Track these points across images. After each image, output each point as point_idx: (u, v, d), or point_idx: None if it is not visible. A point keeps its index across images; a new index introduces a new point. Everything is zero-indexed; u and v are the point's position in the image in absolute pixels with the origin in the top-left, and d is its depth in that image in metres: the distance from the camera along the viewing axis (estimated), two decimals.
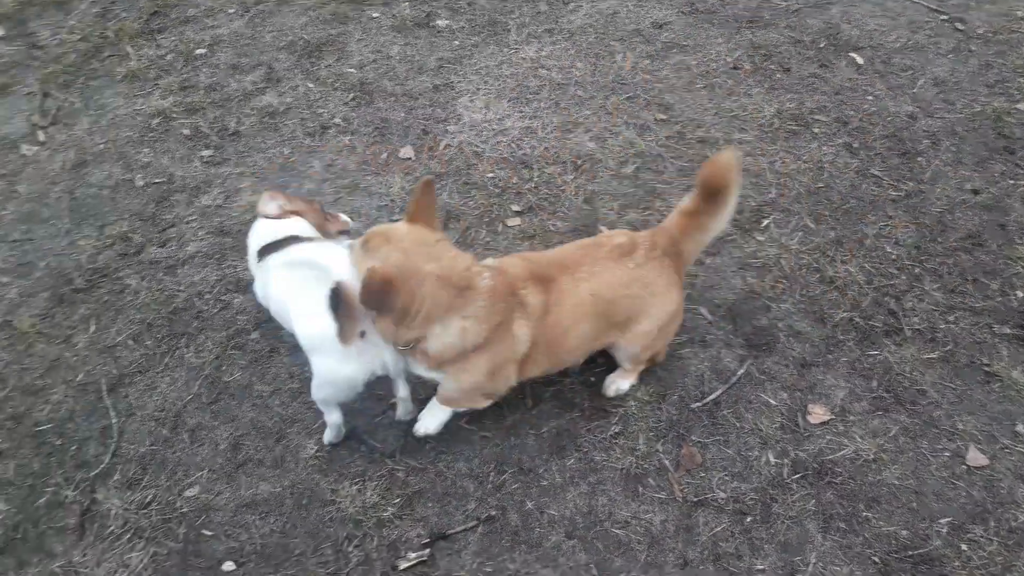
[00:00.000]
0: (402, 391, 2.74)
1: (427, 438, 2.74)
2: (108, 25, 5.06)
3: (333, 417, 2.66)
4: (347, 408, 2.71)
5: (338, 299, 2.21)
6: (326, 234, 2.78)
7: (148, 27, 5.03)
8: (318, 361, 2.43)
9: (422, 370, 2.48)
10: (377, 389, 2.82)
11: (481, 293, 2.30)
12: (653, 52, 4.41)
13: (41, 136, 4.27)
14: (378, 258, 2.24)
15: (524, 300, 2.39)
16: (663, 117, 3.98)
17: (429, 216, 2.36)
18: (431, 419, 2.72)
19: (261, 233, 2.66)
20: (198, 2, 5.16)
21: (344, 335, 2.27)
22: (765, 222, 3.41)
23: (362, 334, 2.34)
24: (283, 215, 2.69)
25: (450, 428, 2.77)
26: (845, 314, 3.03)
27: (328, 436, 2.76)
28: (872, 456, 2.60)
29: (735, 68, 4.25)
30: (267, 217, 2.69)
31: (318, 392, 2.54)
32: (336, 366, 2.39)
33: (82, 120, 4.36)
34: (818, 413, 2.74)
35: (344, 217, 2.95)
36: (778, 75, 4.18)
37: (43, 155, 4.15)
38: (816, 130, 3.85)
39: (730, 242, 3.33)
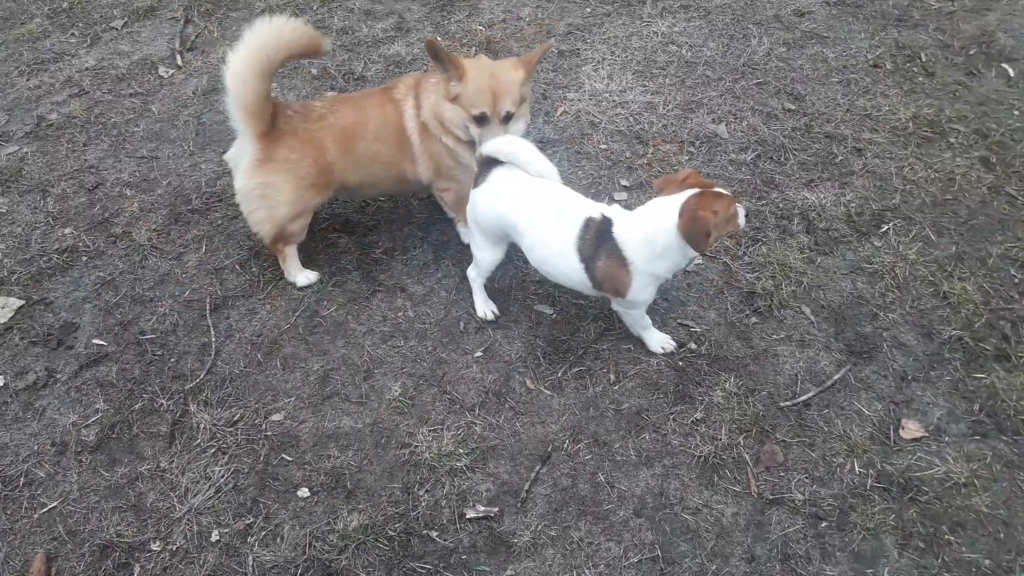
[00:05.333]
0: None
1: None
2: None
3: (648, 322, 2.85)
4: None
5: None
6: None
7: None
8: (654, 266, 2.57)
9: None
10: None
11: None
12: (791, 40, 4.26)
13: (179, 60, 4.47)
14: None
15: None
16: (792, 107, 3.85)
17: None
18: None
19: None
20: None
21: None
22: (884, 228, 3.27)
23: None
24: None
25: (531, 392, 2.81)
26: (955, 332, 2.88)
27: (659, 342, 2.90)
28: (963, 480, 2.47)
29: (875, 66, 4.06)
30: None
31: (644, 294, 2.66)
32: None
33: (218, 49, 4.53)
34: (912, 429, 2.63)
35: None
36: (920, 78, 3.97)
37: (178, 78, 4.35)
38: (952, 140, 3.65)
39: (844, 243, 3.21)
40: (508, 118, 2.89)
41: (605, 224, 2.60)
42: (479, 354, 2.95)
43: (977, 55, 4.09)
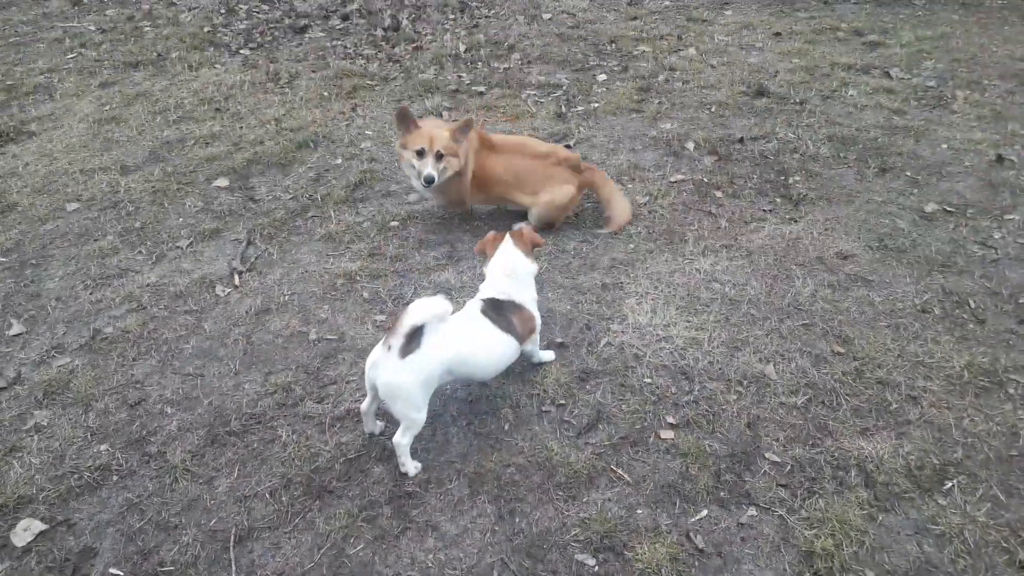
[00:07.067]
0: None
1: None
2: (318, 189, 5.58)
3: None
4: None
5: None
6: None
7: (352, 196, 5.49)
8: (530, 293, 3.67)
9: None
10: None
11: None
12: (835, 282, 4.29)
13: (236, 280, 4.63)
14: None
15: None
16: (841, 350, 3.79)
17: None
18: None
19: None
20: (401, 180, 5.60)
21: None
22: (948, 484, 3.08)
23: None
24: None
25: None
26: None
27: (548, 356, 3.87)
28: None
29: (923, 311, 4.03)
30: None
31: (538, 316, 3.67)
32: None
33: (275, 271, 4.70)
34: None
35: None
36: (971, 325, 3.92)
37: (234, 298, 4.48)
38: (1011, 391, 3.52)
39: (906, 500, 3.01)
40: (439, 156, 4.56)
41: (492, 301, 3.48)
42: None
43: None
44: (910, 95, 6.73)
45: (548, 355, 3.86)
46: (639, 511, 3.05)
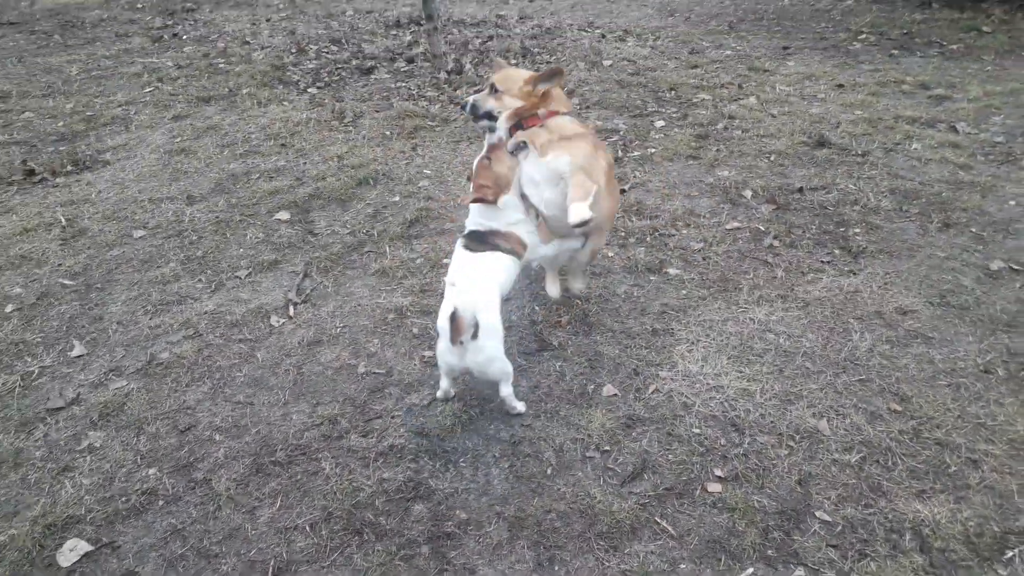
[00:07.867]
0: None
1: None
2: (375, 225, 5.68)
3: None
4: None
5: None
6: None
7: (407, 232, 5.57)
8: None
9: None
10: None
11: None
12: (894, 338, 4.16)
13: (291, 311, 4.71)
14: None
15: None
16: (898, 408, 3.67)
17: None
18: None
19: None
20: (456, 219, 5.67)
21: None
22: (1009, 554, 2.93)
23: None
24: None
25: None
26: None
27: None
28: None
29: (986, 372, 3.88)
30: None
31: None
32: None
33: (329, 303, 4.77)
34: None
35: None
36: None
37: (287, 328, 4.55)
38: None
39: (964, 568, 2.88)
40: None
41: (471, 234, 3.82)
42: None
43: None
44: (977, 150, 6.57)
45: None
46: (682, 566, 2.97)
